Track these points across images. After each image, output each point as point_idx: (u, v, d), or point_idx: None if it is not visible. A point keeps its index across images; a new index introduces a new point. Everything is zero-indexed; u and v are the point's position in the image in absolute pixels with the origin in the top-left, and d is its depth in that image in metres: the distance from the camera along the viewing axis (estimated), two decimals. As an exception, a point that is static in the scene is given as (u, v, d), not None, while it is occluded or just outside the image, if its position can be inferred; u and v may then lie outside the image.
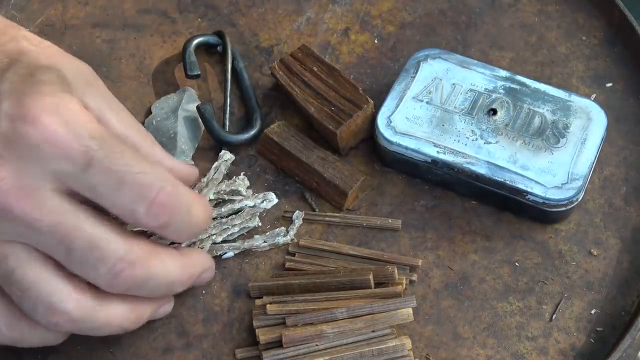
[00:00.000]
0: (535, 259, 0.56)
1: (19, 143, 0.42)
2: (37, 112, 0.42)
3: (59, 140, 0.42)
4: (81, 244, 0.43)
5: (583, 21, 0.66)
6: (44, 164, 0.42)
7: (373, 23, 0.67)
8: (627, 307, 0.54)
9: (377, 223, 0.56)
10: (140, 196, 0.43)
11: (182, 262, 0.48)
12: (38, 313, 0.44)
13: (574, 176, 0.55)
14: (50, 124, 0.42)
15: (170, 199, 0.44)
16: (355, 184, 0.57)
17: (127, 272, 0.44)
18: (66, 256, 0.43)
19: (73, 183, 0.43)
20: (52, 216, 0.43)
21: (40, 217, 0.42)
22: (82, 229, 0.43)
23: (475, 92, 0.58)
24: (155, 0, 0.68)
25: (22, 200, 0.42)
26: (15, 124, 0.42)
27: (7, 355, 0.52)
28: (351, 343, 0.50)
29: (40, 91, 0.43)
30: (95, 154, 0.43)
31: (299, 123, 0.61)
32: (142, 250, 0.45)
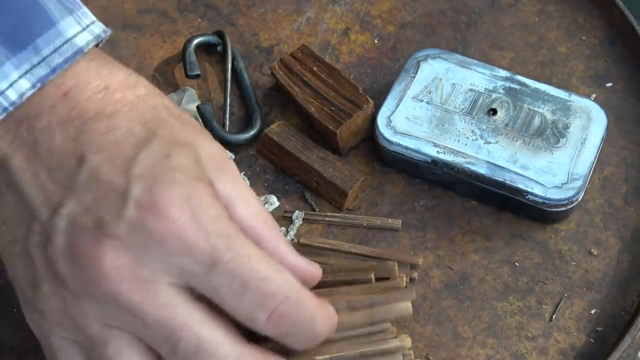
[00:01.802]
0: (535, 259, 0.56)
1: (143, 232, 0.40)
2: (167, 204, 0.40)
3: (186, 237, 0.40)
4: (188, 345, 0.41)
5: (583, 21, 0.66)
6: (166, 258, 0.40)
7: (373, 23, 0.67)
8: (627, 307, 0.54)
9: (377, 223, 0.56)
10: (262, 304, 0.41)
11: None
12: None
13: (574, 176, 0.55)
14: (179, 218, 0.40)
15: (292, 310, 0.42)
16: (355, 184, 0.57)
17: None
18: (171, 354, 0.41)
19: (194, 281, 0.41)
20: (163, 311, 0.41)
21: (150, 311, 0.41)
22: (192, 329, 0.41)
23: (475, 92, 0.58)
24: (155, 0, 0.68)
25: (135, 290, 0.40)
26: (143, 212, 0.40)
27: (7, 355, 0.52)
28: (351, 337, 0.49)
29: (172, 180, 0.41)
30: (221, 255, 0.41)
31: (299, 123, 0.61)
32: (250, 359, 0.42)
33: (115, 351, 0.42)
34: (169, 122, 0.44)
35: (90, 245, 0.40)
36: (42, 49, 0.42)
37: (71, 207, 0.41)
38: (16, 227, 0.43)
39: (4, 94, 0.42)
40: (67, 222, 0.41)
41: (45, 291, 0.42)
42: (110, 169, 0.41)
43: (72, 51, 0.43)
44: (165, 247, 0.40)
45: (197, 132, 0.45)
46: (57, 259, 0.41)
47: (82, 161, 0.41)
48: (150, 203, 0.40)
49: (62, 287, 0.41)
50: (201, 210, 0.41)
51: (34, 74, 0.42)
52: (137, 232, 0.40)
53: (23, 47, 0.42)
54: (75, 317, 0.42)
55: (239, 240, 0.42)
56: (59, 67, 0.43)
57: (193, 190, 0.41)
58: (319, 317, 0.44)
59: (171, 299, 0.41)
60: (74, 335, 0.42)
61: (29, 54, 0.42)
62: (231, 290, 0.41)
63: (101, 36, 0.44)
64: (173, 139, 0.43)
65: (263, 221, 0.45)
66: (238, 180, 0.45)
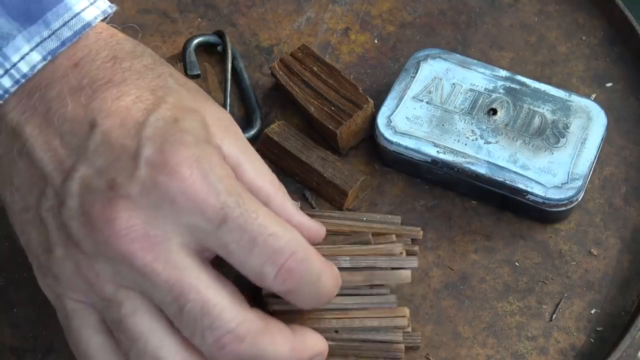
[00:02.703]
0: (535, 258, 0.56)
1: (155, 192, 0.41)
2: (177, 163, 0.41)
3: (196, 195, 0.41)
4: (194, 307, 0.42)
5: (583, 21, 0.66)
6: (178, 216, 0.41)
7: (373, 23, 0.67)
8: (627, 307, 0.54)
9: (376, 218, 0.56)
10: (270, 259, 0.42)
11: (293, 344, 0.45)
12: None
13: (574, 176, 0.55)
14: (189, 176, 0.41)
15: (300, 266, 0.43)
16: (355, 184, 0.57)
17: (233, 346, 0.42)
18: (177, 315, 0.42)
19: (204, 239, 0.42)
20: (172, 272, 0.42)
21: (160, 271, 0.41)
22: (199, 291, 0.42)
23: (475, 92, 0.58)
24: (155, 0, 0.68)
25: (147, 250, 0.41)
26: (155, 172, 0.41)
27: (7, 355, 0.52)
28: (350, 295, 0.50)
29: (182, 140, 0.42)
30: (230, 211, 0.42)
31: (299, 123, 0.61)
32: (254, 325, 0.43)
33: (129, 311, 0.43)
34: (175, 89, 0.45)
35: (103, 206, 0.41)
36: (51, 23, 0.44)
37: (84, 171, 0.42)
38: (29, 194, 0.44)
39: (16, 66, 0.44)
40: (80, 185, 0.42)
41: (59, 254, 0.43)
42: (121, 132, 0.42)
43: (81, 25, 0.45)
44: (177, 205, 0.41)
45: (203, 98, 0.46)
46: (70, 222, 0.42)
47: (94, 126, 0.43)
48: (162, 163, 0.41)
49: (75, 249, 0.42)
50: (210, 170, 0.42)
51: (45, 47, 0.44)
52: (149, 191, 0.41)
53: (33, 21, 0.44)
54: (89, 279, 0.43)
55: (247, 198, 0.43)
56: (69, 40, 0.44)
57: (202, 151, 0.42)
58: (325, 275, 0.45)
59: (181, 261, 0.42)
60: (88, 297, 0.43)
61: (39, 27, 0.44)
62: (240, 246, 0.42)
63: (107, 11, 0.46)
64: (180, 105, 0.44)
65: (269, 181, 0.47)
66: (244, 142, 0.47)
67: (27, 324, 0.54)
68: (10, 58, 0.44)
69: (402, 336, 0.50)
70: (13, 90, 0.44)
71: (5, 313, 0.54)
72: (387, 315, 0.49)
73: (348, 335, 0.49)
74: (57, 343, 0.53)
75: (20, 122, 0.44)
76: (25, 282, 0.55)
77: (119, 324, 0.43)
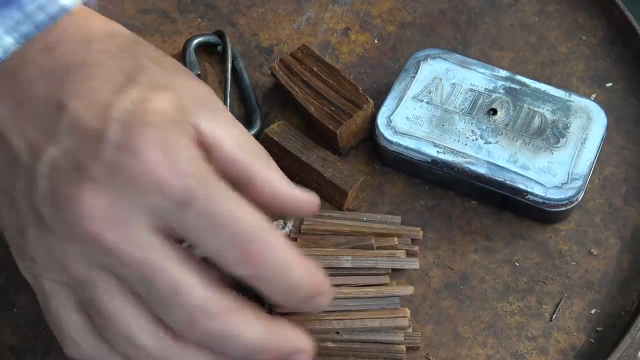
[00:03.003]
0: (535, 258, 0.56)
1: (120, 174, 0.41)
2: (142, 145, 0.41)
3: (159, 175, 0.41)
4: (163, 285, 0.42)
5: (583, 21, 0.66)
6: (141, 197, 0.41)
7: (373, 23, 0.67)
8: (627, 307, 0.54)
9: (376, 218, 0.56)
10: (232, 243, 0.42)
11: (270, 330, 0.44)
12: (117, 343, 0.43)
13: (574, 176, 0.55)
14: (153, 158, 0.41)
15: (263, 250, 0.42)
16: (355, 184, 0.57)
17: (202, 323, 0.42)
18: (147, 294, 0.42)
19: (168, 220, 0.42)
20: (139, 252, 0.42)
21: (127, 251, 0.41)
22: (167, 270, 0.42)
23: (475, 92, 0.58)
24: (155, 0, 0.68)
25: (112, 230, 0.41)
26: (119, 154, 0.41)
27: (7, 354, 0.52)
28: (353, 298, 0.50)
29: (149, 122, 0.42)
30: (195, 193, 0.41)
31: (299, 123, 0.61)
32: (226, 304, 0.43)
33: (102, 291, 0.43)
34: (148, 68, 0.45)
35: (70, 187, 0.41)
36: (26, 7, 0.44)
37: (52, 152, 0.42)
38: (2, 176, 0.44)
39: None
40: (49, 167, 0.42)
41: (31, 236, 0.43)
42: (88, 114, 0.42)
43: (57, 9, 0.44)
44: (141, 187, 0.41)
45: (178, 74, 0.46)
46: (40, 203, 0.42)
47: (62, 108, 0.43)
48: (126, 144, 0.41)
49: (46, 230, 0.43)
50: (176, 152, 0.42)
51: (18, 31, 0.44)
52: (113, 172, 0.41)
53: (7, 4, 0.44)
54: (61, 259, 0.43)
55: (212, 180, 0.42)
56: (43, 24, 0.44)
57: (168, 132, 0.42)
58: (295, 267, 0.44)
59: (147, 241, 0.42)
60: (64, 277, 0.44)
61: (12, 11, 0.44)
62: (203, 229, 0.42)
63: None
64: (152, 84, 0.44)
65: (255, 155, 0.46)
66: (224, 116, 0.46)
67: (27, 324, 0.54)
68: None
69: (403, 337, 0.50)
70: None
71: (5, 313, 0.54)
72: (388, 316, 0.50)
73: (349, 336, 0.50)
74: (57, 343, 0.53)
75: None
76: (25, 282, 0.55)
77: (93, 304, 0.43)
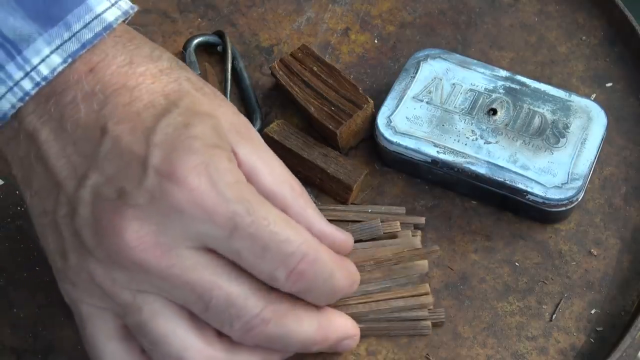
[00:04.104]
0: (535, 258, 0.56)
1: (164, 201, 0.41)
2: (185, 172, 0.41)
3: (205, 204, 0.41)
4: (218, 301, 0.43)
5: (583, 21, 0.66)
6: (187, 225, 0.41)
7: (373, 23, 0.67)
8: (627, 307, 0.54)
9: (381, 210, 0.56)
10: (281, 263, 0.43)
11: (320, 323, 0.46)
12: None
13: (574, 176, 0.55)
14: (198, 186, 0.41)
15: (310, 267, 0.43)
16: (359, 177, 0.57)
17: (260, 329, 0.43)
18: (203, 311, 0.43)
19: (214, 245, 0.42)
20: (191, 274, 0.42)
21: (179, 275, 0.42)
22: (220, 286, 0.42)
23: (475, 92, 0.58)
24: (155, 0, 0.68)
25: (161, 257, 0.41)
26: (163, 181, 0.41)
27: (7, 354, 0.52)
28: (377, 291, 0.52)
29: (191, 148, 0.42)
30: (240, 219, 0.42)
31: (299, 123, 0.61)
32: (279, 307, 0.44)
33: (150, 315, 0.43)
34: (190, 94, 0.45)
35: (113, 216, 0.41)
36: (72, 25, 0.44)
37: (95, 179, 0.42)
38: (46, 199, 0.44)
39: (37, 69, 0.44)
40: (91, 194, 0.42)
41: (74, 262, 0.43)
42: (130, 138, 0.42)
43: (102, 26, 0.44)
44: (186, 215, 0.41)
45: (218, 103, 0.46)
46: (82, 230, 0.42)
47: (105, 132, 0.43)
48: (169, 171, 0.41)
49: (89, 257, 0.43)
50: (219, 177, 0.42)
51: (65, 49, 0.44)
52: (157, 200, 0.41)
53: (54, 23, 0.44)
54: (105, 286, 0.43)
55: (257, 204, 0.43)
56: (89, 43, 0.44)
57: (211, 157, 0.42)
58: (338, 273, 0.46)
59: (196, 262, 0.42)
60: (105, 303, 0.44)
61: (59, 29, 0.44)
62: (252, 252, 0.42)
63: (129, 12, 0.46)
64: (193, 109, 0.44)
65: (290, 188, 0.46)
66: (262, 148, 0.46)
67: (27, 324, 0.54)
68: (31, 60, 0.44)
69: (427, 312, 0.52)
70: (33, 93, 0.44)
71: (5, 313, 0.54)
72: (411, 294, 0.51)
73: (375, 316, 0.51)
74: (57, 343, 0.53)
75: (36, 127, 0.44)
76: (25, 282, 0.55)
77: (140, 329, 0.43)
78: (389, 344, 0.52)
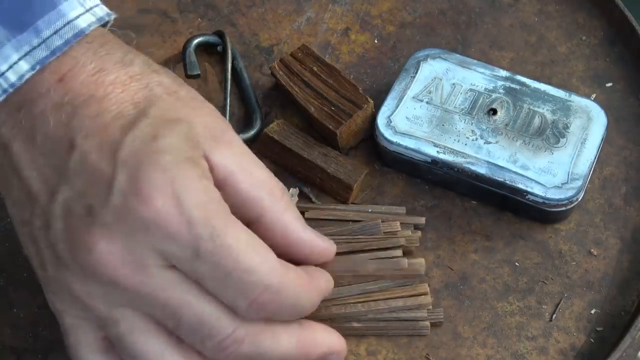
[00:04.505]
0: (535, 258, 0.56)
1: (129, 220, 0.40)
2: (150, 191, 0.40)
3: (168, 225, 0.40)
4: (189, 320, 0.42)
5: (583, 21, 0.66)
6: (152, 243, 0.41)
7: (373, 23, 0.67)
8: (627, 307, 0.54)
9: (381, 210, 0.56)
10: (242, 294, 0.42)
11: (299, 339, 0.45)
12: None
13: (574, 176, 0.55)
14: (161, 205, 0.40)
15: (273, 298, 0.42)
16: (360, 177, 0.57)
17: (233, 348, 0.43)
18: (176, 328, 0.43)
19: (179, 266, 0.42)
20: (161, 293, 0.42)
21: (149, 292, 0.42)
22: (191, 305, 0.42)
23: (475, 92, 0.58)
24: (155, 0, 0.68)
25: (130, 275, 0.41)
26: (128, 199, 0.40)
27: (7, 355, 0.52)
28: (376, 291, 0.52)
29: (157, 164, 0.41)
30: (204, 244, 0.41)
31: (299, 123, 0.61)
32: (253, 326, 0.43)
33: (127, 329, 0.43)
34: (161, 99, 0.43)
35: (83, 233, 0.41)
36: (42, 31, 0.43)
37: (65, 194, 0.42)
38: (23, 209, 0.44)
39: (4, 75, 0.42)
40: (62, 208, 0.42)
41: (52, 273, 0.43)
42: (97, 155, 0.41)
43: (73, 33, 0.43)
44: (151, 234, 0.41)
45: (192, 106, 0.44)
46: (57, 244, 0.42)
47: (73, 147, 0.42)
48: (134, 190, 0.40)
49: (65, 270, 0.42)
50: (185, 196, 0.41)
51: (34, 56, 0.42)
52: (123, 219, 0.41)
53: (24, 28, 0.42)
54: (82, 298, 0.43)
55: (223, 227, 0.41)
56: (59, 50, 0.43)
57: (178, 173, 0.41)
58: (304, 297, 0.44)
59: (166, 280, 0.42)
60: (86, 314, 0.43)
61: (29, 35, 0.42)
62: (214, 278, 0.42)
63: (104, 19, 0.44)
64: (163, 117, 0.42)
65: (268, 192, 0.45)
66: (240, 150, 0.45)
67: (27, 324, 0.54)
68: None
69: (426, 313, 0.52)
70: (1, 100, 0.43)
71: (5, 313, 0.54)
72: (410, 293, 0.52)
73: (373, 315, 0.51)
74: (57, 343, 0.53)
75: (9, 137, 0.43)
76: (25, 282, 0.55)
77: (119, 342, 0.43)
78: (388, 344, 0.52)
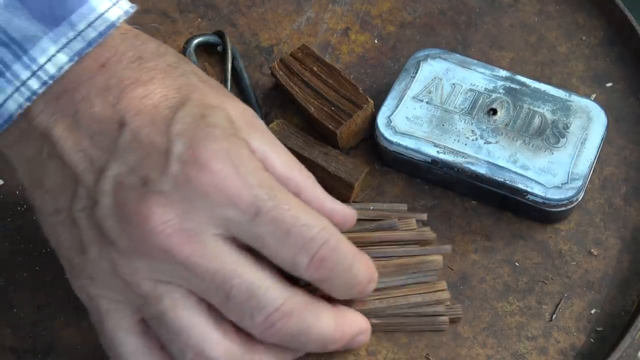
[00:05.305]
0: (535, 258, 0.56)
1: (188, 187, 0.42)
2: (208, 157, 0.42)
3: (229, 188, 0.42)
4: (240, 292, 0.43)
5: (583, 21, 0.66)
6: (211, 210, 0.42)
7: (373, 23, 0.67)
8: (627, 307, 0.54)
9: (383, 207, 0.56)
10: (303, 248, 0.43)
11: (336, 319, 0.47)
12: (186, 358, 0.44)
13: (574, 176, 0.55)
14: (221, 170, 0.42)
15: (332, 254, 0.44)
16: (360, 175, 0.57)
17: (282, 323, 0.44)
18: (223, 302, 0.43)
19: (238, 230, 0.43)
20: (213, 262, 0.42)
21: (201, 263, 0.42)
22: (242, 277, 0.43)
23: (475, 92, 0.58)
24: (155, 0, 0.68)
25: (184, 244, 0.42)
26: (187, 167, 0.42)
27: (7, 354, 0.52)
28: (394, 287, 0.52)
29: (211, 135, 0.43)
30: (263, 204, 0.42)
31: (299, 123, 0.61)
32: (299, 301, 0.44)
33: (169, 305, 0.43)
34: (199, 87, 0.46)
35: (138, 203, 0.42)
36: (77, 24, 0.44)
37: (116, 169, 0.43)
38: (60, 196, 0.44)
39: (44, 67, 0.44)
40: (113, 184, 0.43)
41: (94, 255, 0.44)
42: (150, 129, 0.43)
43: (105, 25, 0.45)
44: (210, 199, 0.42)
45: (225, 95, 0.47)
46: (104, 221, 0.43)
47: (123, 124, 0.44)
48: (193, 157, 0.42)
49: (110, 247, 0.43)
50: (241, 162, 0.43)
51: (71, 48, 0.44)
52: (182, 186, 0.42)
53: (58, 23, 0.44)
54: (126, 277, 0.43)
55: (278, 189, 0.44)
56: (94, 41, 0.45)
57: (231, 144, 0.43)
58: (357, 264, 0.46)
59: (219, 250, 0.43)
60: (125, 295, 0.44)
61: (64, 28, 0.44)
62: (274, 237, 0.43)
63: (129, 11, 0.47)
64: (205, 102, 0.45)
65: (299, 171, 0.47)
66: (269, 135, 0.47)
67: (27, 324, 0.54)
68: (37, 60, 0.44)
69: (445, 308, 0.52)
70: (41, 92, 0.44)
71: (5, 313, 0.54)
72: (428, 290, 0.52)
73: (392, 311, 0.51)
74: (57, 343, 0.53)
75: (49, 125, 0.44)
76: (25, 282, 0.55)
77: (159, 319, 0.44)
78: (389, 344, 0.52)
